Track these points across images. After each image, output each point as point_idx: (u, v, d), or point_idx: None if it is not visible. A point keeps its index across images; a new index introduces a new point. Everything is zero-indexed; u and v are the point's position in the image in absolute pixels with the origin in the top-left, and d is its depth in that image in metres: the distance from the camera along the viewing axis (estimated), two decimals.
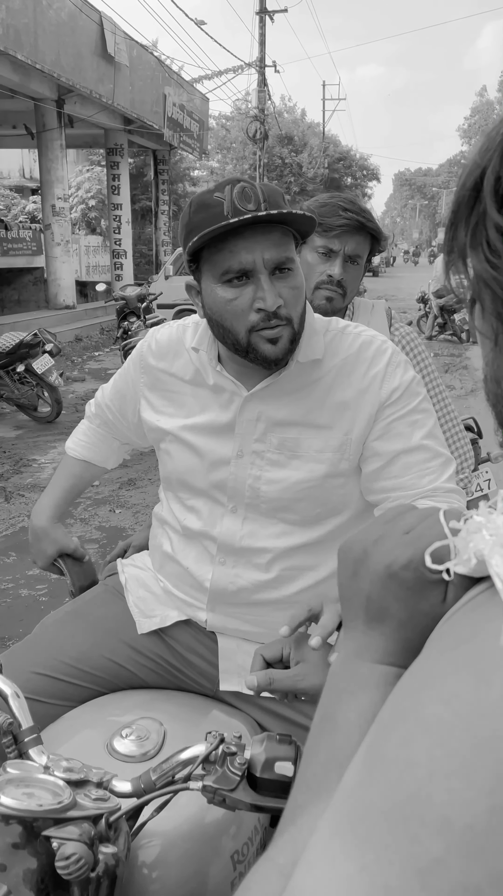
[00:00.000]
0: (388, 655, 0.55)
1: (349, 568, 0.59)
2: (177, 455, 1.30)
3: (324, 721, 0.55)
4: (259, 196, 1.09)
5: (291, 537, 1.24)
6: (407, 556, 0.54)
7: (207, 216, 1.09)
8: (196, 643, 1.32)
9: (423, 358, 1.84)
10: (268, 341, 1.14)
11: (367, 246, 1.73)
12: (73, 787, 0.87)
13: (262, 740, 0.90)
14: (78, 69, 12.37)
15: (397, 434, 1.21)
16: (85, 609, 1.39)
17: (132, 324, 7.66)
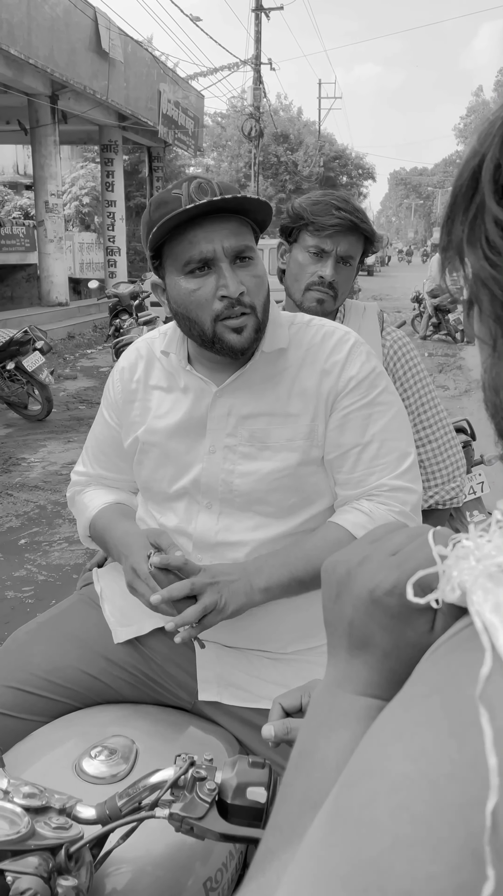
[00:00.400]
0: (371, 687, 0.51)
1: (332, 589, 0.54)
2: (148, 463, 1.30)
3: (302, 756, 0.52)
4: (215, 189, 1.12)
5: (267, 529, 1.24)
6: (391, 581, 0.50)
7: (166, 211, 1.10)
8: (173, 652, 1.28)
9: (415, 364, 1.78)
10: (232, 331, 1.15)
11: (360, 247, 1.67)
12: (32, 815, 0.82)
13: (234, 764, 0.86)
14: (72, 65, 12.28)
15: (352, 427, 1.22)
16: (59, 620, 1.35)
17: (124, 321, 7.59)
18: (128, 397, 1.32)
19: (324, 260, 1.63)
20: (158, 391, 1.30)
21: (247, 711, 1.23)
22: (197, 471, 1.25)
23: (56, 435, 6.67)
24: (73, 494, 1.45)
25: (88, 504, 1.38)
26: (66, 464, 5.79)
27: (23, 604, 3.48)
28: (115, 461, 1.38)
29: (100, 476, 1.42)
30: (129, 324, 7.54)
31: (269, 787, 0.83)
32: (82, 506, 1.40)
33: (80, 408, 7.82)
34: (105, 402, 1.38)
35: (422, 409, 1.78)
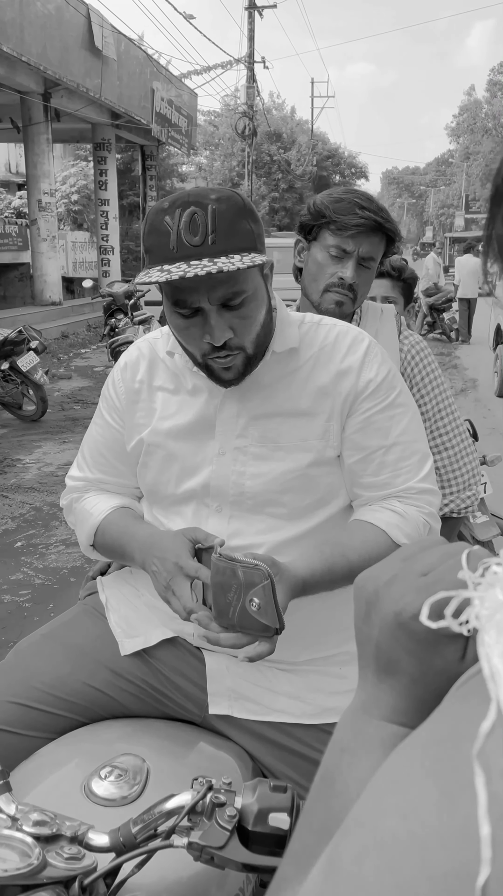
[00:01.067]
0: (398, 714, 0.48)
1: (362, 608, 0.51)
2: (154, 466, 1.26)
3: (324, 782, 0.50)
4: (208, 227, 1.03)
5: (280, 532, 1.20)
6: (418, 605, 0.46)
7: (157, 243, 1.06)
8: (182, 664, 1.24)
9: (432, 370, 1.74)
10: (221, 368, 1.14)
11: (382, 248, 1.60)
12: (43, 844, 0.78)
13: (255, 787, 0.82)
14: (65, 62, 12.20)
15: (376, 429, 1.20)
16: (62, 631, 1.30)
17: (119, 321, 7.53)
18: (131, 398, 1.28)
19: (345, 261, 1.56)
20: (163, 392, 1.26)
21: (259, 725, 1.20)
22: (206, 474, 1.21)
23: (51, 436, 6.62)
24: (70, 502, 1.36)
25: (91, 510, 1.30)
26: (61, 465, 5.74)
27: (20, 608, 3.43)
28: (115, 464, 1.32)
29: (99, 481, 1.34)
30: (124, 323, 7.48)
31: (292, 813, 0.79)
32: (84, 513, 1.31)
33: (74, 408, 7.77)
34: (105, 404, 1.33)
35: (440, 416, 1.74)
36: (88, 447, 1.36)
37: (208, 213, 1.03)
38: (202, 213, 1.03)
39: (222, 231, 1.04)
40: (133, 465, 1.30)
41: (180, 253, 1.03)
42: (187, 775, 1.03)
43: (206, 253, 1.03)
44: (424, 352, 1.73)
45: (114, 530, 1.26)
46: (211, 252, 1.03)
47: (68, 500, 1.37)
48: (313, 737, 1.19)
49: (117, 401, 1.30)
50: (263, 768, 1.20)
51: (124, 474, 1.32)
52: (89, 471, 1.35)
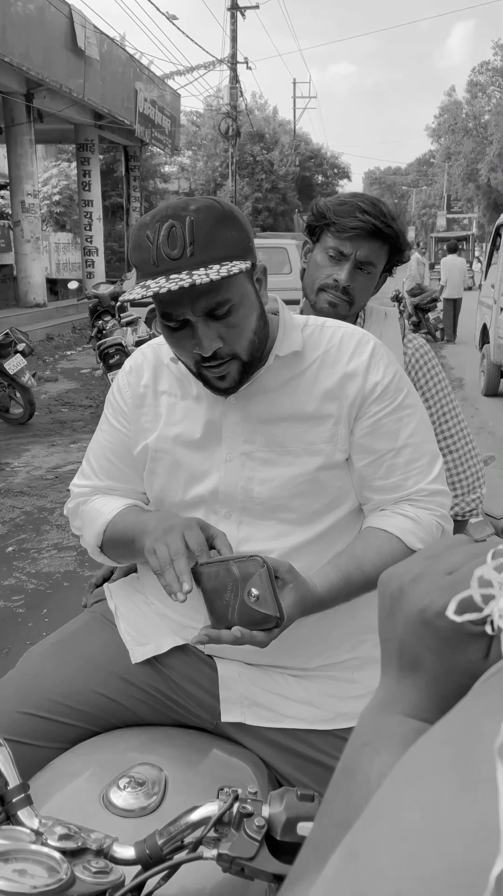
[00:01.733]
0: (420, 710, 0.48)
1: (386, 605, 0.52)
2: (161, 473, 1.25)
3: (344, 774, 0.50)
4: (185, 238, 1.03)
5: (291, 537, 1.20)
6: (442, 602, 0.46)
7: (140, 260, 1.07)
8: (194, 671, 1.23)
9: (437, 373, 1.74)
10: (215, 377, 1.14)
11: (384, 254, 1.58)
12: (70, 858, 0.77)
13: (282, 797, 0.81)
14: (47, 63, 12.13)
15: (385, 432, 1.20)
16: (72, 640, 1.29)
17: (107, 322, 7.47)
18: (137, 402, 1.27)
19: (342, 263, 1.55)
20: (169, 398, 1.25)
21: (272, 732, 1.19)
22: (214, 480, 1.21)
23: (39, 439, 6.57)
24: (76, 505, 1.34)
25: (102, 510, 1.27)
26: (50, 468, 5.71)
27: (13, 613, 3.40)
28: (124, 470, 1.30)
29: (107, 487, 1.32)
30: (111, 325, 7.42)
31: None
32: (93, 513, 1.28)
33: (62, 410, 7.72)
34: (111, 409, 1.32)
35: (445, 419, 1.74)
36: (94, 454, 1.34)
37: (186, 226, 1.03)
38: (180, 226, 1.03)
39: (200, 242, 1.03)
40: (141, 471, 1.29)
41: (161, 267, 1.04)
42: (205, 784, 1.02)
43: (185, 265, 1.02)
44: (428, 355, 1.73)
45: (123, 524, 1.23)
46: (190, 264, 1.02)
47: (74, 504, 1.35)
48: (327, 742, 1.19)
49: (124, 405, 1.28)
50: (278, 775, 1.19)
51: (133, 480, 1.31)
52: (96, 478, 1.33)
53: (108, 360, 7.23)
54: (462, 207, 53.19)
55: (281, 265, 10.56)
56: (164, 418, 1.24)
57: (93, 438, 1.36)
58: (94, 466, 1.33)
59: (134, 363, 1.31)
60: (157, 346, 1.30)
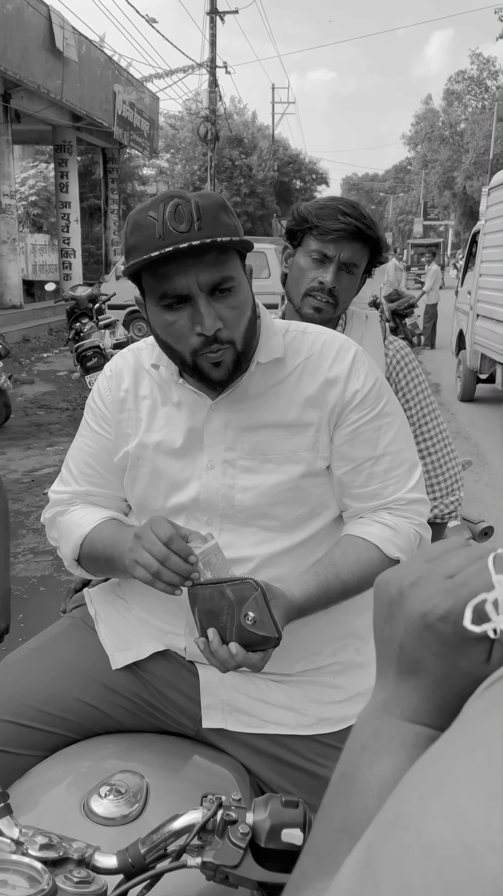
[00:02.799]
0: (420, 714, 0.48)
1: (384, 608, 0.51)
2: (142, 480, 1.23)
3: (343, 780, 0.49)
4: (192, 214, 1.04)
5: (272, 544, 1.19)
6: (446, 607, 0.46)
7: (142, 238, 1.05)
8: (175, 677, 1.22)
9: (416, 375, 1.75)
10: (212, 364, 1.11)
11: (366, 255, 1.61)
12: (51, 868, 0.76)
13: (266, 803, 0.81)
14: (25, 63, 12.04)
15: (364, 440, 1.20)
16: (51, 646, 1.27)
17: (84, 325, 7.42)
18: (117, 406, 1.25)
19: (326, 266, 1.57)
20: (149, 403, 1.24)
21: (254, 737, 1.19)
22: (195, 487, 1.19)
23: (15, 442, 6.50)
24: (53, 516, 1.31)
25: (79, 521, 1.25)
26: (26, 471, 5.65)
27: None
28: (104, 475, 1.28)
29: (87, 493, 1.29)
30: (89, 328, 7.37)
31: (305, 828, 0.78)
32: (70, 525, 1.26)
33: (38, 413, 7.65)
34: (91, 414, 1.30)
35: (424, 421, 1.75)
36: (74, 460, 1.31)
37: (192, 204, 1.04)
38: (186, 204, 1.04)
39: (206, 220, 1.04)
40: (121, 476, 1.27)
41: (168, 241, 1.02)
42: (187, 791, 1.02)
43: (194, 238, 1.02)
44: (408, 357, 1.75)
45: (101, 541, 1.21)
46: (197, 238, 1.03)
47: (52, 513, 1.32)
48: (308, 748, 1.18)
49: (105, 409, 1.27)
50: (260, 781, 1.19)
51: (114, 485, 1.28)
52: (76, 483, 1.30)
53: (86, 363, 7.18)
54: (438, 214, 53.79)
55: (260, 269, 10.59)
56: (145, 424, 1.23)
57: (73, 444, 1.33)
58: (73, 472, 1.30)
59: (114, 367, 1.29)
60: (137, 351, 1.28)
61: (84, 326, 7.46)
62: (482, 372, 8.20)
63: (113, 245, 19.03)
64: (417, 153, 54.26)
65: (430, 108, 50.97)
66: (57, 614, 1.50)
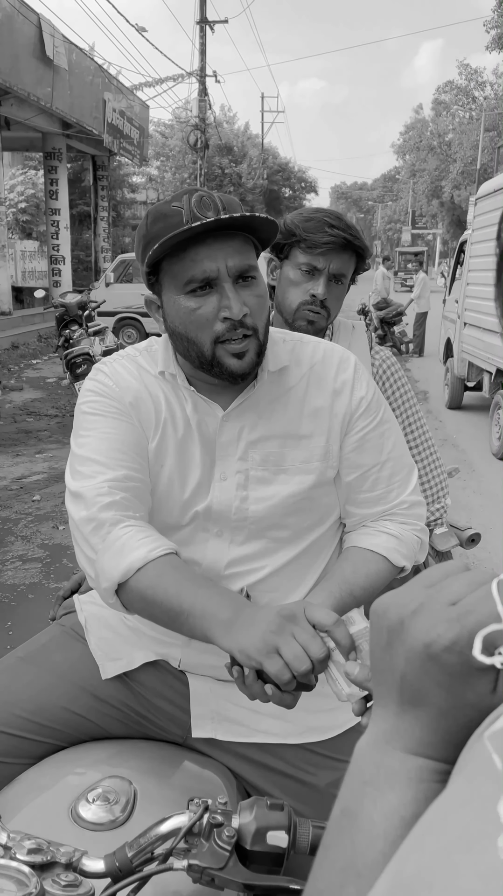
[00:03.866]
0: (424, 746, 0.46)
1: (383, 636, 0.49)
2: (153, 489, 1.19)
3: (345, 817, 0.47)
4: (218, 204, 1.07)
5: (279, 554, 1.19)
6: (451, 636, 0.44)
7: (166, 226, 1.06)
8: (164, 687, 1.22)
9: (402, 384, 1.79)
10: (233, 356, 1.10)
11: (353, 264, 1.65)
12: (39, 872, 0.77)
13: (252, 807, 0.82)
14: (15, 70, 12.05)
15: (371, 447, 1.21)
16: (40, 654, 1.27)
17: (74, 332, 7.41)
18: (132, 401, 1.16)
19: (316, 278, 1.60)
20: (166, 404, 1.18)
21: (243, 746, 1.19)
22: (207, 498, 1.18)
23: (4, 448, 6.48)
24: (108, 517, 1.05)
25: (136, 545, 1.01)
26: (15, 478, 5.63)
27: None
28: (138, 460, 1.13)
29: (126, 478, 1.09)
30: (79, 334, 7.35)
31: (290, 831, 0.80)
32: (125, 544, 1.02)
33: (27, 420, 7.63)
34: (103, 407, 1.15)
35: (411, 429, 1.78)
36: (99, 452, 1.11)
37: (215, 196, 1.07)
38: (209, 196, 1.07)
39: (231, 210, 1.07)
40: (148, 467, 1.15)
41: (195, 223, 1.03)
42: (175, 796, 1.03)
43: (223, 223, 1.04)
44: (395, 366, 1.78)
45: (170, 583, 0.99)
46: (227, 222, 1.04)
47: (105, 515, 1.05)
48: (298, 756, 1.19)
49: (117, 403, 1.15)
50: (248, 787, 1.19)
51: (147, 471, 1.15)
52: (111, 470, 1.09)
53: (75, 370, 7.15)
54: (426, 223, 54.12)
55: None
56: (158, 431, 1.17)
57: (81, 443, 1.14)
58: (104, 462, 1.10)
59: (112, 371, 1.19)
60: (132, 357, 1.21)
61: (73, 333, 7.43)
62: (469, 380, 8.27)
63: (103, 252, 19.04)
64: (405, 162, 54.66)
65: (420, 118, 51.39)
66: (45, 622, 1.50)
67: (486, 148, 32.42)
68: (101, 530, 1.04)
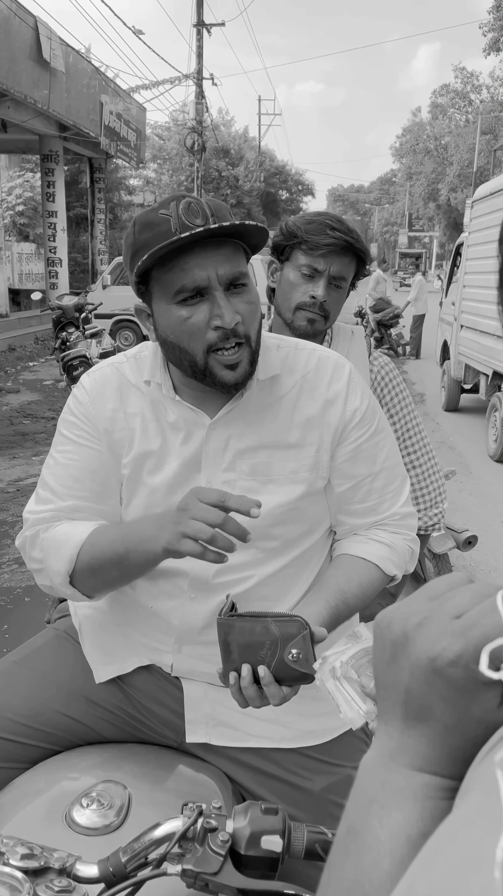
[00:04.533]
0: (430, 763, 0.45)
1: (386, 650, 0.48)
2: (136, 502, 1.19)
3: (350, 836, 0.46)
4: (206, 211, 1.05)
5: (269, 564, 1.18)
6: (456, 650, 0.43)
7: (154, 235, 1.04)
8: (158, 691, 1.22)
9: (401, 391, 1.79)
10: (226, 367, 1.08)
11: (353, 268, 1.65)
12: (32, 878, 0.76)
13: (246, 811, 0.82)
14: (12, 73, 12.05)
15: (364, 458, 1.20)
16: (34, 658, 1.27)
17: (71, 334, 7.41)
18: (107, 425, 1.17)
19: (317, 280, 1.60)
20: (141, 421, 1.17)
21: (237, 751, 1.19)
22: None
23: (0, 451, 6.47)
24: (35, 533, 1.17)
25: (69, 532, 1.13)
26: (11, 481, 5.62)
27: None
28: (94, 489, 1.18)
29: (73, 508, 1.17)
30: (75, 337, 7.35)
31: (284, 835, 0.79)
32: (59, 538, 1.13)
33: (24, 422, 7.62)
34: (71, 429, 1.19)
35: (408, 435, 1.78)
36: (55, 477, 1.19)
37: (203, 203, 1.06)
38: (197, 202, 1.05)
39: (220, 216, 1.05)
40: (115, 490, 1.20)
41: (184, 233, 1.01)
42: (169, 801, 1.02)
43: (212, 230, 1.02)
44: (392, 373, 1.78)
45: (105, 541, 1.10)
46: (216, 230, 1.02)
47: (33, 531, 1.18)
48: (293, 761, 1.19)
49: (87, 425, 1.18)
50: (243, 791, 1.19)
51: (104, 498, 1.19)
52: (60, 500, 1.18)
53: (72, 372, 7.16)
54: (423, 226, 54.23)
55: None
56: (139, 443, 1.17)
57: (48, 462, 1.22)
58: (55, 489, 1.19)
59: (93, 384, 1.20)
60: (117, 366, 1.22)
61: (70, 336, 7.44)
62: (466, 382, 8.28)
63: (99, 255, 19.03)
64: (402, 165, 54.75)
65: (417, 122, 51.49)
66: (41, 624, 1.49)
67: (483, 151, 32.49)
68: (37, 540, 1.17)
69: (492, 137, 32.77)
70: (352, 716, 0.56)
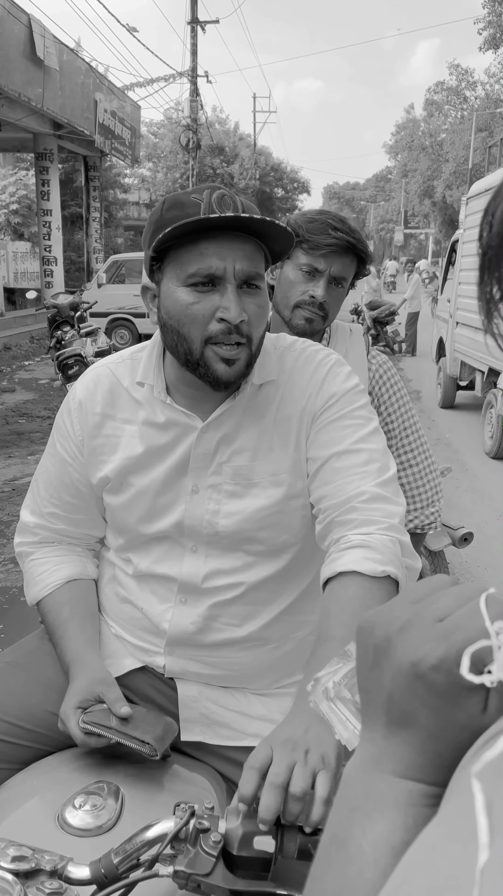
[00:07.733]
0: (413, 769, 0.44)
1: (369, 655, 0.47)
2: (123, 505, 1.19)
3: (333, 845, 0.45)
4: (238, 205, 1.05)
5: (258, 569, 1.17)
6: (438, 655, 0.42)
7: (182, 214, 1.03)
8: (153, 691, 1.22)
9: (398, 388, 1.78)
10: (223, 360, 1.07)
11: (353, 268, 1.64)
12: (23, 880, 0.76)
13: (238, 812, 0.81)
14: (5, 71, 12.00)
15: (330, 438, 1.13)
16: (26, 660, 1.26)
17: (66, 333, 7.38)
18: (92, 432, 1.19)
19: (317, 279, 1.59)
20: (129, 425, 1.18)
21: (231, 749, 1.18)
22: (179, 512, 1.16)
23: None
24: (22, 550, 1.32)
25: (38, 579, 1.27)
26: (7, 480, 5.61)
27: None
28: (68, 499, 1.25)
29: (54, 516, 1.27)
30: (70, 335, 7.33)
31: (277, 836, 0.79)
32: (33, 574, 1.28)
33: (19, 422, 7.60)
34: (59, 435, 1.23)
35: (405, 434, 1.78)
36: (42, 483, 1.28)
37: (236, 198, 1.06)
38: (230, 196, 1.05)
39: (251, 213, 1.04)
40: (92, 502, 1.24)
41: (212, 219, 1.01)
42: (162, 801, 1.02)
43: (243, 221, 1.02)
44: (390, 371, 1.78)
45: (54, 618, 1.23)
46: (247, 222, 1.02)
47: (21, 549, 1.33)
48: None
49: (74, 432, 1.21)
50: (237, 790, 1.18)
51: (77, 511, 1.26)
52: (43, 509, 1.27)
53: (67, 371, 7.15)
54: (419, 223, 54.23)
55: None
56: (124, 447, 1.18)
57: (42, 462, 1.29)
58: (41, 496, 1.28)
59: (85, 392, 1.21)
60: (112, 367, 1.22)
61: (65, 334, 7.42)
62: (462, 379, 8.28)
63: (95, 253, 18.99)
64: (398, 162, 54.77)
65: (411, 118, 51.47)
66: (37, 625, 1.49)
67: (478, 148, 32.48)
68: (21, 559, 1.34)
69: (487, 134, 32.78)
70: (348, 736, 0.56)
